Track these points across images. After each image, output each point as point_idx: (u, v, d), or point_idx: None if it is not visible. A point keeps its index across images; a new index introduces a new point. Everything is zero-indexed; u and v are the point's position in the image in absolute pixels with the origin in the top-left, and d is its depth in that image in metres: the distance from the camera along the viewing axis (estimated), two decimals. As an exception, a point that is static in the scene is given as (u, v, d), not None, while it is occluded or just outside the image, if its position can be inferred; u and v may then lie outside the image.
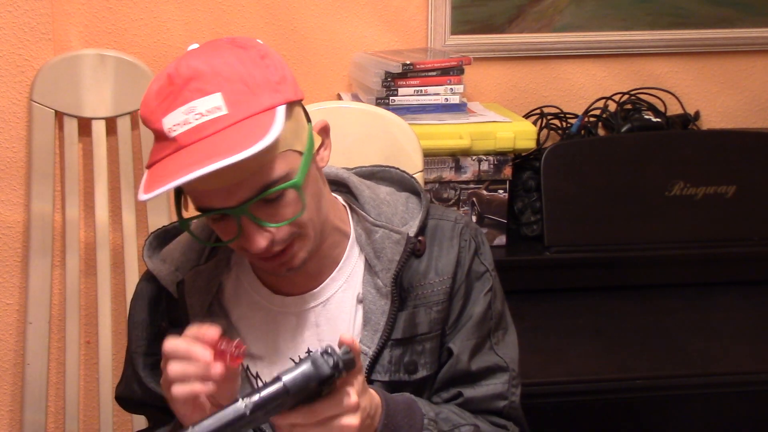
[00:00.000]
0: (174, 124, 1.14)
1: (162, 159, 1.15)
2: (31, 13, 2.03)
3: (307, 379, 1.06)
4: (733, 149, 2.19)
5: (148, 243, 1.39)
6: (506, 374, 1.36)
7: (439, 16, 2.27)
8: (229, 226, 1.20)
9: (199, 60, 1.16)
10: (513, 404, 1.35)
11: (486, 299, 1.36)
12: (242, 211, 1.16)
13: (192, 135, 1.13)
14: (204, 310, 1.32)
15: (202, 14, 2.19)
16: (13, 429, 2.22)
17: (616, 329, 2.01)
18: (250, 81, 1.15)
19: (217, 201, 1.16)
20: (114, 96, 2.07)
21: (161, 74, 1.18)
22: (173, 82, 1.15)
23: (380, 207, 1.35)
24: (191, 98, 1.14)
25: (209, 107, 1.13)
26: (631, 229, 2.13)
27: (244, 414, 1.04)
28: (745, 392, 1.88)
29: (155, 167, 1.16)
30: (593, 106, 2.32)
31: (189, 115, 1.13)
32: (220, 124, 1.13)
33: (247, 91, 1.15)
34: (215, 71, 1.14)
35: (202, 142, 1.12)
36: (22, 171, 2.10)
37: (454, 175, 2.05)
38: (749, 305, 2.10)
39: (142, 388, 1.37)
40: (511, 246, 2.11)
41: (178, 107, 1.14)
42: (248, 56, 1.17)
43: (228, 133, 1.12)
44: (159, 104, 1.16)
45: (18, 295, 2.15)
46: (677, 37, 2.37)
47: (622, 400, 1.87)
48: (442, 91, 2.10)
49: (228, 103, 1.13)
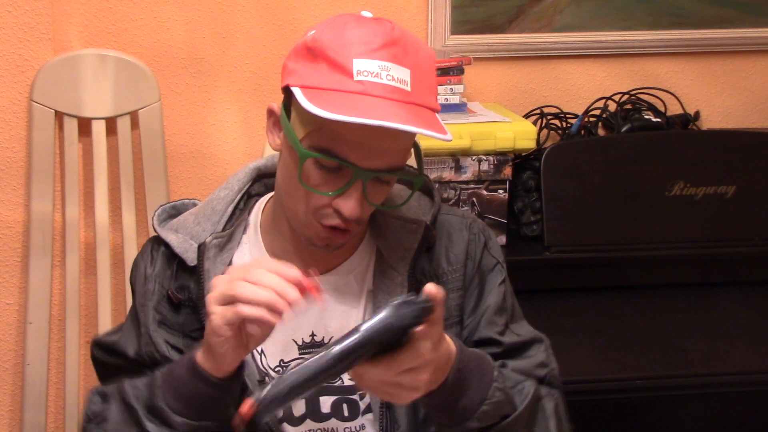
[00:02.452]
0: (365, 70, 1.18)
1: (340, 91, 1.18)
2: (31, 13, 2.03)
3: (387, 329, 1.05)
4: (733, 149, 2.19)
5: (156, 214, 1.39)
6: (543, 344, 1.39)
7: (439, 16, 2.27)
8: (336, 180, 1.22)
9: (400, 32, 1.22)
10: (553, 371, 1.38)
11: (501, 289, 1.39)
12: (368, 175, 1.20)
13: (380, 90, 1.18)
14: None
15: (202, 14, 2.19)
16: (13, 429, 2.22)
17: (616, 329, 2.01)
18: (430, 78, 1.25)
19: (354, 156, 1.19)
20: (114, 96, 2.07)
21: (365, 18, 1.24)
22: (377, 33, 1.20)
23: (394, 201, 1.37)
24: (388, 58, 1.19)
25: (400, 77, 1.19)
26: (631, 229, 2.13)
27: (328, 365, 1.03)
28: (745, 392, 1.89)
29: (331, 93, 1.18)
30: (593, 106, 2.32)
31: (382, 71, 1.19)
32: (403, 97, 1.19)
33: (426, 84, 1.23)
34: (414, 50, 1.22)
35: (390, 102, 1.17)
36: (22, 171, 2.09)
37: (454, 175, 2.05)
38: (749, 305, 2.10)
39: (142, 342, 1.33)
40: (511, 246, 2.11)
41: (376, 59, 1.19)
42: (432, 56, 1.27)
43: (410, 108, 1.19)
44: (355, 43, 1.20)
45: (18, 295, 2.15)
46: (677, 37, 2.37)
47: (622, 400, 1.87)
48: (442, 91, 2.10)
49: (412, 84, 1.20)
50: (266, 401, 1.01)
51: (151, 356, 1.33)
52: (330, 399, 1.35)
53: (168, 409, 1.20)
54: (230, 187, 1.40)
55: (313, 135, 1.21)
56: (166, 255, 1.36)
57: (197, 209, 1.39)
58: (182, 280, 1.34)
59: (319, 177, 1.22)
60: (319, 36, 1.22)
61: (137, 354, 1.34)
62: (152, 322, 1.33)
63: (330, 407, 1.35)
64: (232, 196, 1.39)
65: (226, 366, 1.18)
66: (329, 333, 1.35)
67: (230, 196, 1.39)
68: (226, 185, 1.40)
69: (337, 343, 1.04)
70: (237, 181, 1.41)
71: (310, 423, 1.35)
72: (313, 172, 1.22)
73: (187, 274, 1.34)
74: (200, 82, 2.21)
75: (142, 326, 1.34)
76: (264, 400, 1.01)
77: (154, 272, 1.36)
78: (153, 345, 1.33)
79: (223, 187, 1.40)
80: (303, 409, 1.35)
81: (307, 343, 1.35)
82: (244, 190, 1.41)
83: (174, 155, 2.20)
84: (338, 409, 1.35)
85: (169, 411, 1.20)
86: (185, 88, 2.20)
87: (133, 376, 1.30)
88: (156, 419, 1.22)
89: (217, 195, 1.39)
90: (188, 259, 1.33)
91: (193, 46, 2.19)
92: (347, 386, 1.35)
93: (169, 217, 1.41)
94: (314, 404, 1.35)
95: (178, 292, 1.34)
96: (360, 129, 1.15)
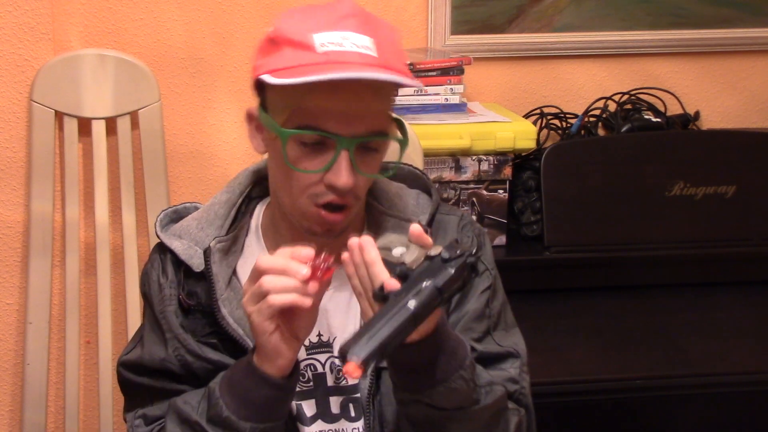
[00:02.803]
0: (328, 41, 1.20)
1: (305, 65, 1.19)
2: (31, 13, 2.03)
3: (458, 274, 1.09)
4: (733, 149, 2.19)
5: (159, 220, 1.40)
6: (518, 360, 1.37)
7: (439, 16, 2.27)
8: (322, 157, 1.23)
9: (358, 8, 1.25)
10: (523, 390, 1.36)
11: (482, 297, 1.37)
12: (351, 143, 1.21)
13: (346, 56, 1.19)
14: (226, 284, 1.33)
15: (202, 14, 2.18)
16: (13, 429, 2.22)
17: (616, 329, 2.01)
18: (396, 46, 1.27)
19: (333, 125, 1.20)
20: (114, 96, 2.07)
21: (311, 5, 1.25)
22: (335, 10, 1.23)
23: (392, 200, 1.38)
24: (350, 28, 1.22)
25: (363, 44, 1.21)
26: (631, 229, 2.13)
27: (413, 315, 1.05)
28: (745, 392, 1.89)
29: (297, 69, 1.19)
30: (593, 106, 2.32)
31: (344, 40, 1.20)
32: (371, 61, 1.21)
33: (393, 50, 1.25)
34: (374, 22, 1.25)
35: (354, 66, 1.18)
36: (22, 171, 2.09)
37: (454, 175, 2.05)
38: (749, 305, 2.10)
39: (170, 347, 1.33)
40: (511, 246, 2.11)
41: (335, 30, 1.21)
42: (396, 32, 1.29)
43: (378, 70, 1.20)
44: (310, 22, 1.22)
45: (18, 295, 2.15)
46: (677, 37, 2.37)
47: (622, 400, 1.87)
48: (442, 91, 2.10)
49: (377, 50, 1.22)
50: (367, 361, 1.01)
51: (181, 359, 1.33)
52: (338, 399, 1.36)
53: (234, 417, 1.21)
54: (231, 190, 1.40)
55: (291, 118, 1.23)
56: (173, 261, 1.37)
57: (199, 214, 1.39)
58: (190, 285, 1.35)
59: (305, 156, 1.23)
60: (278, 26, 1.25)
61: (164, 361, 1.34)
62: (177, 325, 1.34)
63: (339, 407, 1.36)
64: (234, 199, 1.39)
65: (283, 362, 1.19)
66: (332, 332, 1.35)
67: (232, 200, 1.39)
68: (227, 189, 1.41)
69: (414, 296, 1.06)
70: (238, 184, 1.41)
71: (321, 423, 1.35)
72: (299, 153, 1.24)
73: (194, 280, 1.34)
74: (200, 82, 2.21)
75: (167, 332, 1.34)
76: (366, 361, 1.01)
77: (168, 280, 1.36)
78: (183, 347, 1.33)
79: (224, 191, 1.40)
80: (314, 410, 1.35)
81: (314, 343, 1.36)
82: (245, 193, 1.41)
83: (174, 155, 2.20)
84: (346, 409, 1.36)
85: (235, 419, 1.21)
86: (185, 88, 2.20)
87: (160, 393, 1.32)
88: (221, 429, 1.23)
89: (219, 199, 1.39)
90: (194, 265, 1.34)
91: (193, 46, 2.19)
92: (351, 386, 1.35)
93: (171, 222, 1.41)
94: (325, 405, 1.35)
95: (188, 297, 1.35)
96: (333, 96, 1.17)
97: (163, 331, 1.35)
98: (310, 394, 1.36)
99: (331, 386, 1.36)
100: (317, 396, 1.36)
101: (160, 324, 1.36)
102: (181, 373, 1.33)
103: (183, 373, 1.33)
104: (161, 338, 1.35)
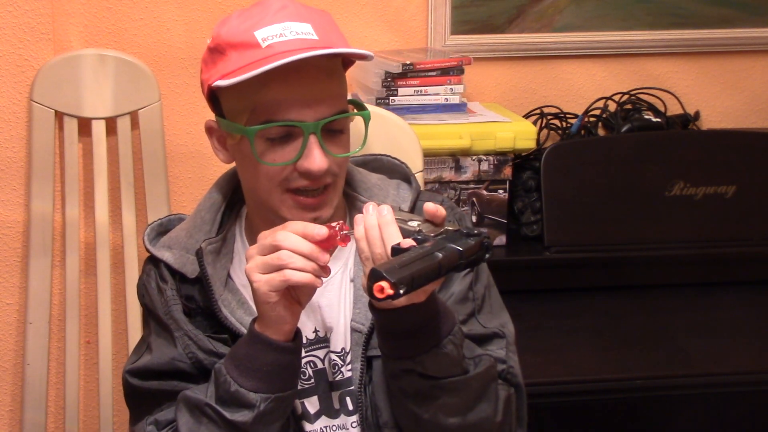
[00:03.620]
0: (270, 35, 1.23)
1: (251, 63, 1.22)
2: (31, 13, 2.03)
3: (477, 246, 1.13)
4: (733, 149, 2.19)
5: (146, 234, 1.41)
6: (503, 340, 1.37)
7: (439, 16, 2.27)
8: (290, 148, 1.25)
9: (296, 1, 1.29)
10: (512, 369, 1.36)
11: (466, 280, 1.38)
12: (317, 127, 1.23)
13: (289, 45, 1.22)
14: (223, 284, 1.34)
15: (202, 14, 2.18)
16: (13, 429, 2.22)
17: (616, 329, 2.01)
18: (335, 30, 1.30)
19: (294, 113, 1.23)
20: (114, 96, 2.07)
21: (243, 8, 1.29)
22: (268, 6, 1.26)
23: (372, 190, 1.40)
24: (287, 19, 1.25)
25: (304, 30, 1.24)
26: (631, 229, 2.13)
27: (439, 264, 1.07)
28: (745, 392, 1.89)
29: (243, 68, 1.22)
30: (593, 106, 2.32)
31: (285, 30, 1.23)
32: (313, 44, 1.23)
33: (331, 30, 1.28)
34: (307, 9, 1.28)
35: (299, 51, 1.20)
36: (22, 171, 2.09)
37: (454, 175, 2.05)
38: (749, 305, 2.10)
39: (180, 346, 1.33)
40: (511, 246, 2.11)
41: (274, 23, 1.24)
42: (329, 17, 1.32)
43: (323, 51, 1.22)
44: (247, 20, 1.25)
45: (18, 295, 2.15)
46: (677, 37, 2.37)
47: (622, 400, 1.87)
48: (442, 91, 2.10)
49: (318, 33, 1.25)
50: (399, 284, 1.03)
51: (192, 356, 1.33)
52: (336, 394, 1.37)
53: (243, 390, 1.22)
54: (212, 196, 1.41)
55: (253, 116, 1.24)
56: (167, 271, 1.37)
57: (187, 224, 1.40)
58: (186, 291, 1.36)
59: (274, 151, 1.25)
60: (217, 33, 1.28)
61: (174, 360, 1.34)
62: (186, 321, 1.34)
63: (338, 402, 1.37)
64: (218, 203, 1.40)
65: (286, 326, 1.21)
66: (328, 327, 1.37)
67: (216, 204, 1.40)
68: (209, 194, 1.42)
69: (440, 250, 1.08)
70: (219, 188, 1.42)
71: (325, 419, 1.36)
72: (267, 148, 1.25)
73: (189, 285, 1.35)
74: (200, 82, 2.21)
75: (176, 330, 1.34)
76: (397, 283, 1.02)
77: (168, 284, 1.37)
78: (194, 343, 1.33)
79: (206, 197, 1.41)
80: (318, 406, 1.36)
81: (311, 340, 1.37)
82: (228, 196, 1.42)
83: (174, 155, 2.20)
84: (344, 403, 1.36)
85: (245, 391, 1.22)
86: (185, 88, 2.20)
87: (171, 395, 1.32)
88: (233, 406, 1.23)
89: (203, 205, 1.40)
90: (188, 272, 1.34)
91: (193, 46, 2.19)
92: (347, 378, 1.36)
93: (158, 235, 1.42)
94: (327, 401, 1.36)
95: (188, 301, 1.35)
96: (288, 85, 1.20)
97: (171, 331, 1.35)
98: (312, 391, 1.36)
99: (332, 381, 1.37)
100: (319, 392, 1.36)
101: (167, 325, 1.35)
102: (192, 371, 1.33)
103: (194, 372, 1.33)
104: (170, 339, 1.35)
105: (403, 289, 1.03)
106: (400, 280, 1.02)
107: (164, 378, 1.35)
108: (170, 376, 1.34)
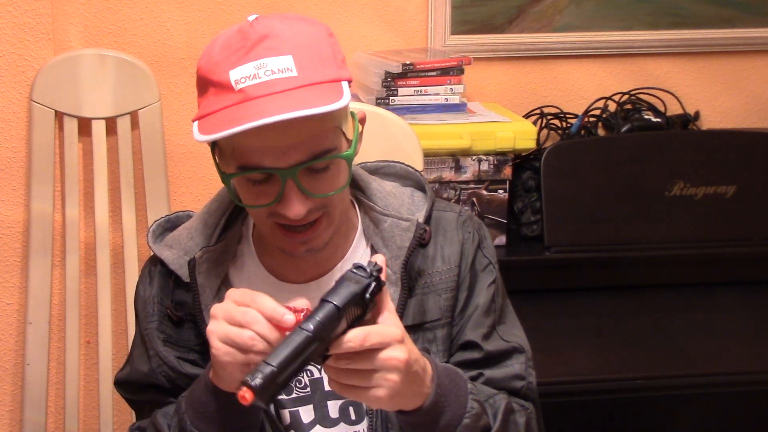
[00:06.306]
0: (243, 77, 1.16)
1: (223, 109, 1.17)
2: (31, 13, 2.03)
3: (349, 292, 1.08)
4: (733, 149, 2.19)
5: (151, 231, 1.40)
6: (522, 355, 1.37)
7: (439, 16, 2.27)
8: (269, 189, 1.21)
9: (275, 21, 1.19)
10: (530, 385, 1.36)
11: (490, 291, 1.37)
12: (292, 173, 1.18)
13: (261, 89, 1.15)
14: (214, 294, 1.33)
15: (202, 14, 2.19)
16: (13, 429, 2.22)
17: (616, 329, 2.01)
18: (321, 52, 1.20)
19: (269, 160, 1.17)
20: (114, 96, 2.07)
21: (229, 30, 1.21)
22: (247, 37, 1.18)
23: (387, 199, 1.36)
24: (264, 55, 1.17)
25: (281, 67, 1.16)
26: (631, 229, 2.13)
27: (310, 338, 1.05)
28: (745, 392, 1.89)
29: (215, 115, 1.17)
30: (593, 106, 2.32)
31: (260, 70, 1.16)
32: (289, 84, 1.16)
33: (317, 60, 1.19)
34: (290, 35, 1.18)
35: (272, 97, 1.15)
36: (22, 171, 2.10)
37: (454, 175, 2.05)
38: (749, 305, 2.10)
39: (154, 364, 1.34)
40: (511, 246, 2.11)
41: (249, 62, 1.17)
42: (318, 31, 1.22)
43: (298, 92, 1.15)
44: (226, 57, 1.19)
45: (18, 295, 2.15)
46: (677, 37, 2.37)
47: (622, 400, 1.87)
48: (442, 91, 2.10)
49: (298, 67, 1.17)
50: (262, 387, 1.02)
51: (165, 374, 1.34)
52: (337, 403, 1.35)
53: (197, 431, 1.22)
54: (220, 199, 1.39)
55: (232, 159, 1.21)
56: (163, 273, 1.37)
57: (191, 223, 1.39)
58: (179, 295, 1.35)
59: (254, 193, 1.22)
60: (201, 64, 1.23)
61: (150, 376, 1.35)
62: (158, 342, 1.34)
63: (338, 412, 1.35)
64: (223, 208, 1.38)
65: (236, 384, 1.16)
66: None
67: (222, 208, 1.38)
68: (217, 197, 1.40)
69: (310, 318, 1.06)
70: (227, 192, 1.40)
71: (320, 429, 1.35)
72: (248, 190, 1.23)
73: (183, 290, 1.34)
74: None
75: (150, 349, 1.35)
76: (258, 387, 1.02)
77: (152, 294, 1.36)
78: (165, 364, 1.34)
79: (213, 200, 1.40)
80: (312, 415, 1.35)
81: None
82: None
83: (174, 155, 2.20)
84: (345, 412, 1.35)
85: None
86: (185, 88, 2.20)
87: (153, 406, 1.32)
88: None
89: (209, 208, 1.39)
90: (183, 275, 1.34)
91: (193, 46, 2.19)
92: None
93: (165, 231, 1.41)
94: (323, 410, 1.35)
95: (177, 308, 1.34)
96: (260, 134, 1.14)
97: (146, 348, 1.36)
98: (307, 399, 1.35)
99: (329, 390, 1.34)
100: (315, 401, 1.35)
101: (144, 340, 1.37)
102: (168, 386, 1.34)
103: (170, 387, 1.34)
104: (147, 353, 1.36)
105: (270, 389, 1.03)
106: (264, 380, 1.02)
107: (145, 391, 1.36)
108: (149, 390, 1.36)
